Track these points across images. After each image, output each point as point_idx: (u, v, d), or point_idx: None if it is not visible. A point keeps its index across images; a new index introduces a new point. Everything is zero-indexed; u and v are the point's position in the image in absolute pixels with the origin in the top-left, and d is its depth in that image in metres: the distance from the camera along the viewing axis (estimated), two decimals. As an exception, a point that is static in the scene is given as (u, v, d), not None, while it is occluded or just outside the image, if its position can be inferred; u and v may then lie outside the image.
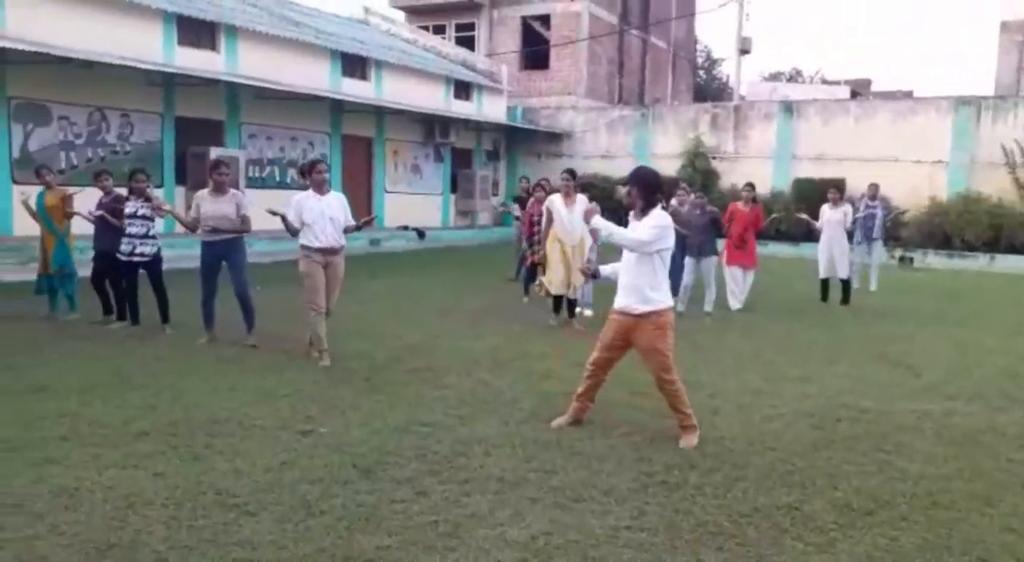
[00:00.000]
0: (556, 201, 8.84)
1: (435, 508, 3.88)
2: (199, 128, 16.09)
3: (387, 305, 9.23)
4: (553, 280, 8.88)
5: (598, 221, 4.95)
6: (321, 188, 6.86)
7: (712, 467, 4.56)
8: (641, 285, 4.91)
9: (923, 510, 4.04)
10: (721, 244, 10.77)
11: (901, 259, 19.00)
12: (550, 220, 8.86)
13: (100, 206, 8.31)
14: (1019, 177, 19.33)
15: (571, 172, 9.08)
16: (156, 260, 8.07)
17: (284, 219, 6.77)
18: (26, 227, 9.27)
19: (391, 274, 12.74)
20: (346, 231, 6.93)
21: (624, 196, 5.08)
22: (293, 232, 6.82)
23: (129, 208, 7.97)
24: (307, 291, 6.82)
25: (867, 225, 12.91)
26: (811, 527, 3.81)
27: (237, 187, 7.53)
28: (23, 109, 13.42)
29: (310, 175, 6.90)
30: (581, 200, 8.75)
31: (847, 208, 11.94)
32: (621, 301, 5.02)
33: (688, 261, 10.16)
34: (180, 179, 15.78)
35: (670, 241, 4.95)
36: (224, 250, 7.37)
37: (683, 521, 3.83)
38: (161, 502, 3.86)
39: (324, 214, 6.75)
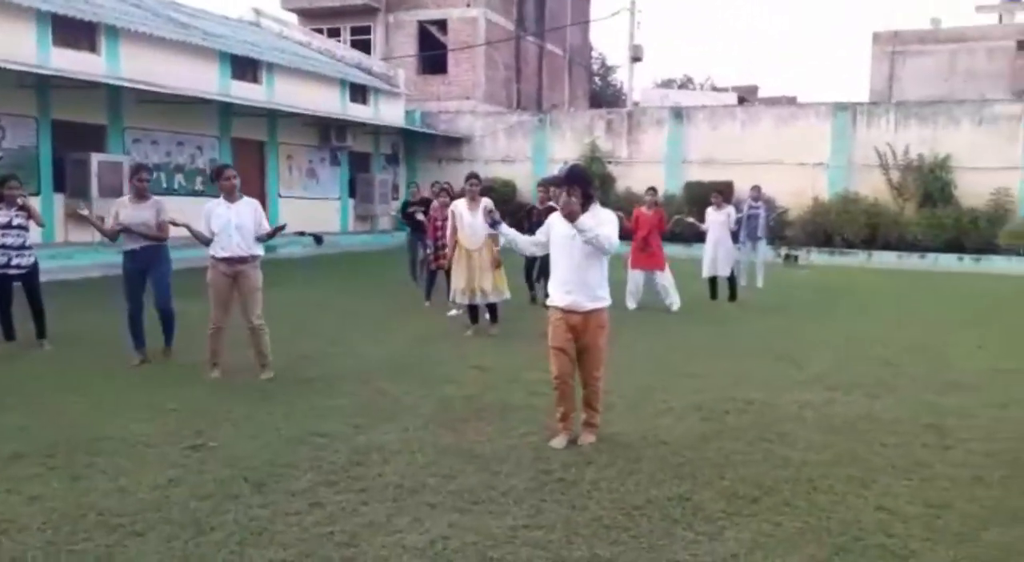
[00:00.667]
0: (460, 206, 8.82)
1: (331, 519, 3.82)
2: (79, 132, 15.29)
3: (283, 313, 9.00)
4: (456, 288, 8.82)
5: (585, 222, 4.73)
6: (231, 195, 6.57)
7: (607, 462, 4.65)
8: (591, 283, 4.90)
9: (804, 495, 4.24)
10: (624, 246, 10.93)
11: (786, 257, 19.90)
12: (455, 226, 8.81)
13: None
14: (892, 178, 20.58)
15: (476, 176, 9.05)
16: (33, 272, 7.60)
17: (189, 229, 6.52)
18: None
19: (287, 282, 12.44)
20: (259, 239, 6.64)
21: (558, 198, 4.90)
22: (204, 241, 6.54)
23: (2, 218, 7.45)
24: (212, 306, 6.57)
25: (751, 225, 13.46)
26: (701, 516, 3.95)
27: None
28: None
29: (218, 181, 6.63)
30: (484, 203, 8.76)
31: (730, 210, 12.43)
32: (566, 299, 4.92)
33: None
34: (59, 186, 14.95)
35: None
36: (146, 259, 6.97)
37: (579, 517, 3.90)
38: (38, 526, 3.66)
39: (231, 222, 6.46)
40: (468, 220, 8.72)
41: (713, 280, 12.00)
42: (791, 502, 4.15)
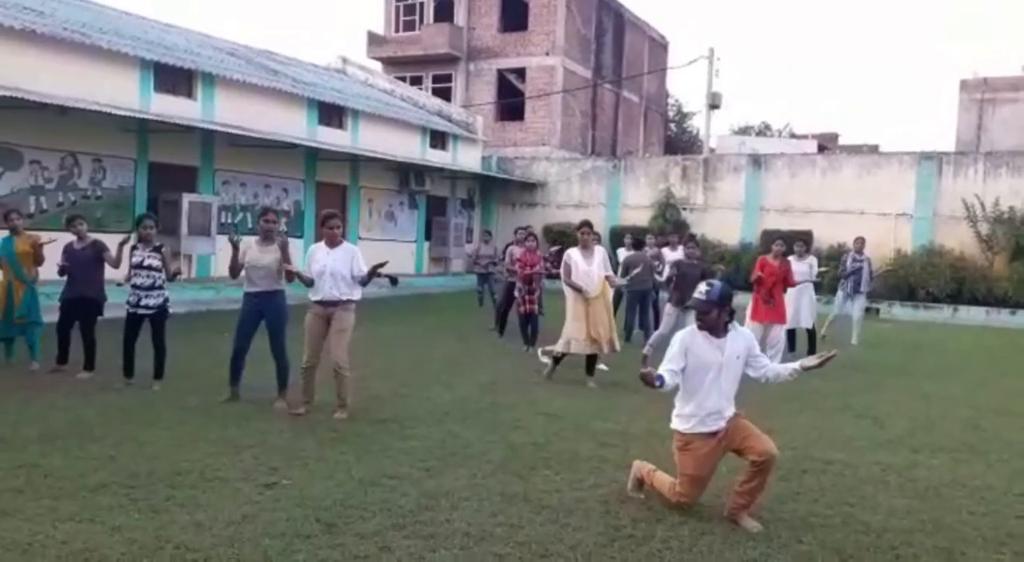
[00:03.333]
0: (575, 254, 8.69)
1: (399, 563, 3.83)
2: (172, 174, 16.07)
3: (356, 354, 9.17)
4: (577, 337, 8.56)
5: (793, 370, 4.76)
6: (333, 242, 6.81)
7: (679, 521, 4.55)
8: (720, 407, 4.67)
9: (886, 564, 4.06)
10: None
11: (867, 310, 19.24)
12: (567, 272, 8.63)
13: (71, 254, 8.07)
14: (980, 231, 19.83)
15: (589, 224, 8.96)
16: (161, 312, 7.63)
17: (299, 276, 6.79)
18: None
19: (361, 321, 12.61)
20: (361, 283, 6.85)
21: (706, 316, 4.64)
22: (307, 283, 6.78)
23: (135, 257, 7.56)
24: (305, 346, 6.81)
25: (855, 278, 13.11)
26: (776, 582, 3.81)
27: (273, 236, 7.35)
28: (-6, 153, 13.35)
29: (322, 228, 6.88)
30: (599, 252, 8.86)
31: (812, 260, 12.16)
32: (716, 424, 4.62)
33: (671, 310, 10.10)
34: (151, 224, 15.68)
35: None
36: (264, 304, 7.08)
37: (648, 576, 3.82)
38: (117, 557, 3.78)
39: (327, 268, 6.69)
40: (584, 268, 8.61)
41: (792, 332, 11.68)
42: (872, 571, 3.97)
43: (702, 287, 4.69)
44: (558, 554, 4.02)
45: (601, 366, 8.91)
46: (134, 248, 7.66)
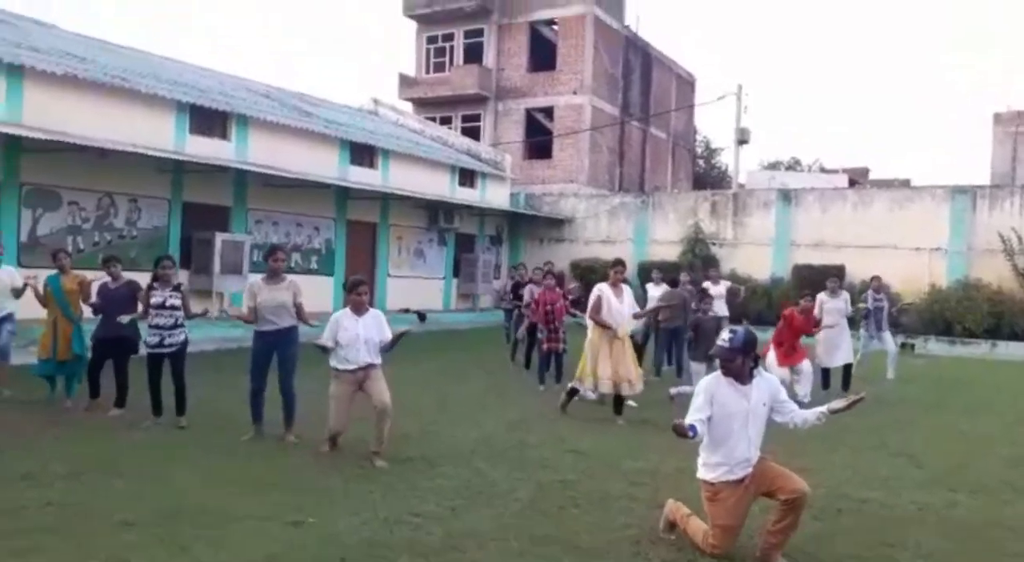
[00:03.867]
0: (605, 289, 8.59)
1: (423, 604, 3.78)
2: (206, 213, 16.37)
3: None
4: (601, 376, 8.44)
5: (820, 413, 4.69)
6: (359, 309, 6.66)
7: (710, 562, 4.44)
8: (748, 453, 4.59)
9: (926, 609, 3.92)
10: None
11: (902, 346, 18.89)
12: (597, 308, 8.50)
13: (106, 293, 8.21)
14: (1017, 264, 19.45)
15: (622, 263, 8.91)
16: (181, 349, 7.69)
17: (322, 348, 6.60)
18: (28, 310, 9.25)
19: (389, 357, 12.67)
20: (383, 350, 6.72)
21: (730, 364, 4.59)
22: (326, 350, 6.60)
23: (156, 298, 7.58)
24: (331, 413, 6.57)
25: (877, 317, 12.95)
26: (811, 627, 3.69)
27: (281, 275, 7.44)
28: (34, 194, 13.70)
29: (350, 295, 6.74)
30: (628, 293, 8.78)
31: (846, 296, 11.99)
32: (743, 471, 4.56)
33: (696, 368, 9.61)
34: (185, 263, 15.94)
35: None
36: (276, 341, 7.11)
37: (678, 620, 3.72)
38: (142, 596, 3.77)
39: (360, 337, 6.52)
40: (616, 306, 8.53)
41: (826, 370, 11.48)
42: (912, 616, 3.83)
43: (725, 335, 4.65)
44: (585, 596, 3.93)
45: (631, 402, 8.81)
46: (152, 288, 7.66)
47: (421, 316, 19.94)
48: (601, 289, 8.62)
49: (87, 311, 8.56)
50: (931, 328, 19.49)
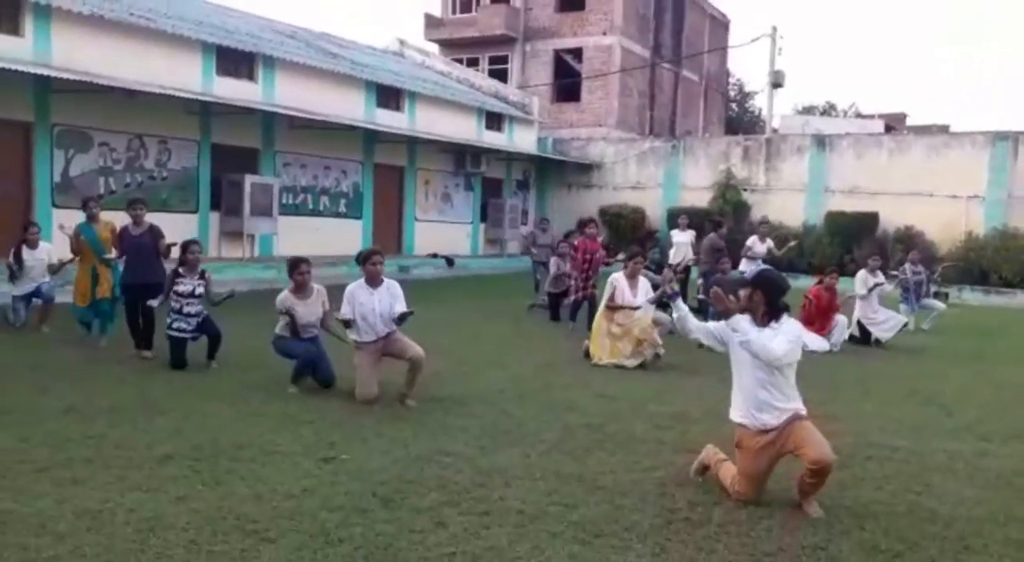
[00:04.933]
0: (621, 280, 8.84)
1: (454, 539, 3.85)
2: (235, 155, 16.40)
3: (414, 333, 9.26)
4: (598, 352, 8.70)
5: (740, 325, 4.41)
6: (375, 281, 6.59)
7: (736, 505, 4.47)
8: (785, 393, 4.47)
9: (953, 554, 3.93)
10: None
11: (935, 295, 18.68)
12: (611, 298, 8.79)
13: (128, 240, 8.10)
14: (1058, 213, 19.00)
15: (641, 254, 9.19)
16: (207, 322, 7.62)
17: (346, 323, 6.54)
18: (63, 252, 9.38)
19: (420, 301, 12.67)
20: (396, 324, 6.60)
21: (738, 299, 4.51)
22: (349, 324, 6.53)
23: (184, 286, 7.44)
24: (357, 382, 6.52)
25: (917, 291, 12.77)
26: (837, 569, 3.73)
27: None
28: (65, 135, 13.79)
29: (364, 265, 6.61)
30: (643, 283, 8.98)
31: (880, 277, 11.47)
32: (757, 419, 4.47)
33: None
34: (215, 205, 16.06)
35: (799, 354, 4.50)
36: (315, 345, 7.03)
37: (705, 559, 3.77)
38: (182, 526, 3.88)
39: (375, 310, 6.48)
40: (629, 298, 8.79)
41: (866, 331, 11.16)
42: (938, 560, 3.85)
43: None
44: (612, 534, 3.99)
45: (659, 349, 8.81)
46: (178, 275, 7.51)
47: (449, 261, 20.22)
48: (616, 280, 8.83)
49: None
50: (966, 277, 19.18)
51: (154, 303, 7.68)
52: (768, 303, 4.48)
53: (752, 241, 14.16)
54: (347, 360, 6.83)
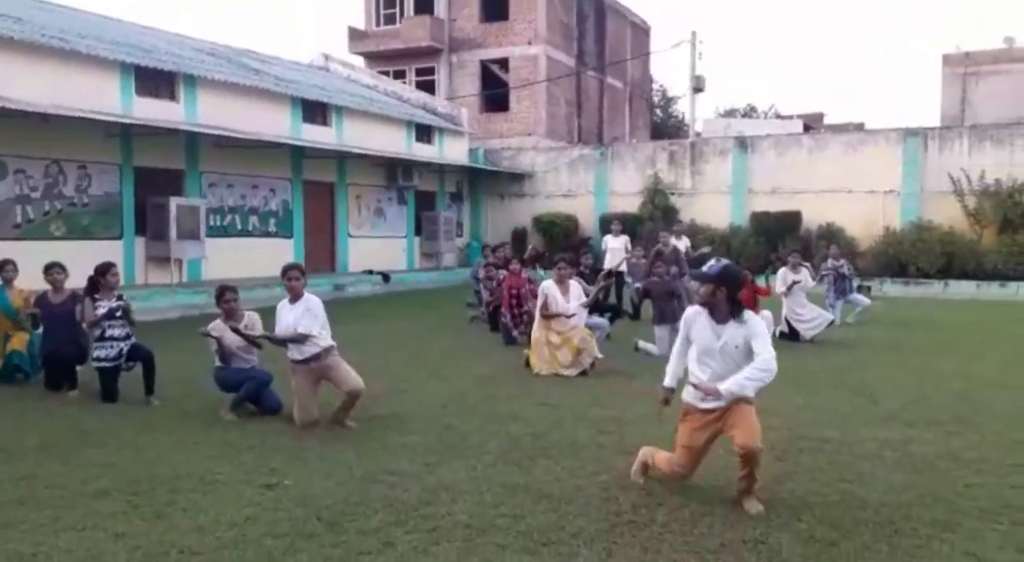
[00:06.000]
0: (551, 288, 8.95)
1: (402, 559, 3.86)
2: (159, 178, 15.99)
3: (351, 352, 9.20)
4: (537, 363, 8.77)
5: (734, 386, 4.43)
6: (295, 297, 6.46)
7: (679, 504, 4.59)
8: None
9: (886, 538, 4.10)
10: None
11: (859, 288, 19.37)
12: (545, 307, 8.88)
13: (47, 307, 7.69)
14: (967, 205, 19.93)
15: (564, 259, 9.37)
16: (135, 345, 7.37)
17: (271, 339, 6.50)
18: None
19: (356, 319, 12.69)
20: (291, 340, 6.38)
21: (700, 294, 4.63)
22: (282, 342, 6.42)
23: (102, 309, 7.22)
24: (296, 406, 6.39)
25: (839, 285, 13.07)
26: (777, 560, 3.86)
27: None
28: (-23, 164, 13.24)
29: (284, 282, 6.50)
30: (574, 287, 9.13)
31: (806, 272, 11.54)
32: (719, 402, 4.54)
33: (660, 333, 9.75)
34: (140, 230, 15.63)
35: None
36: (256, 376, 6.87)
37: (651, 559, 3.86)
38: (122, 563, 3.79)
39: (292, 326, 6.36)
40: (562, 304, 8.91)
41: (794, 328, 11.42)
42: (872, 546, 4.02)
43: (711, 262, 4.69)
44: (560, 542, 4.05)
45: (597, 355, 8.94)
46: (95, 300, 7.22)
47: (385, 277, 20.06)
48: (548, 288, 8.97)
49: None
50: (886, 270, 19.97)
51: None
52: (731, 298, 4.56)
53: (667, 238, 14.65)
54: (288, 384, 6.74)
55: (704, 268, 4.67)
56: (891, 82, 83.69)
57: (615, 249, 15.60)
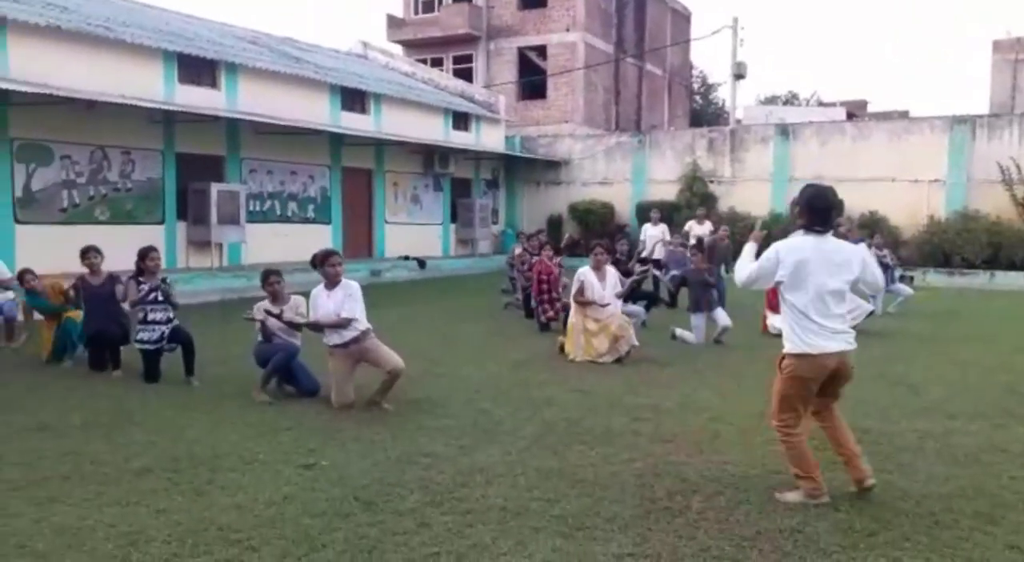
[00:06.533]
0: (588, 274, 8.85)
1: (437, 539, 3.88)
2: (200, 164, 16.23)
3: (388, 336, 9.28)
4: (573, 350, 8.72)
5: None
6: (333, 282, 6.54)
7: (714, 491, 4.55)
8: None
9: (926, 530, 4.03)
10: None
11: (901, 278, 19.01)
12: (580, 292, 8.79)
13: (88, 289, 7.87)
14: (1016, 194, 19.42)
15: (602, 245, 9.20)
16: (176, 328, 7.51)
17: (313, 326, 6.56)
18: (27, 264, 9.21)
19: (392, 304, 12.78)
20: (334, 325, 6.44)
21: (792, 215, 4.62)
22: (315, 328, 6.53)
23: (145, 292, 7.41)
24: (333, 389, 6.48)
25: (885, 276, 12.89)
26: (814, 550, 3.81)
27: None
28: (26, 149, 13.55)
29: (323, 268, 6.55)
30: (611, 274, 9.02)
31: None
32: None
33: (696, 320, 9.85)
34: (181, 214, 15.90)
35: None
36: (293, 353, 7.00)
37: (686, 546, 3.83)
38: (163, 539, 3.87)
39: (333, 312, 6.43)
40: (599, 290, 8.81)
41: None
42: (911, 537, 3.95)
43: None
44: (594, 527, 4.04)
45: (634, 343, 8.89)
46: (139, 283, 7.40)
47: (421, 263, 20.16)
48: (584, 274, 8.85)
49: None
50: (930, 260, 19.56)
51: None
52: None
53: (690, 225, 14.68)
54: (326, 367, 6.82)
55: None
56: (938, 68, 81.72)
57: (653, 237, 15.50)
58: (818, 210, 4.46)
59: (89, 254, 8.03)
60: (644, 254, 14.57)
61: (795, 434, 4.44)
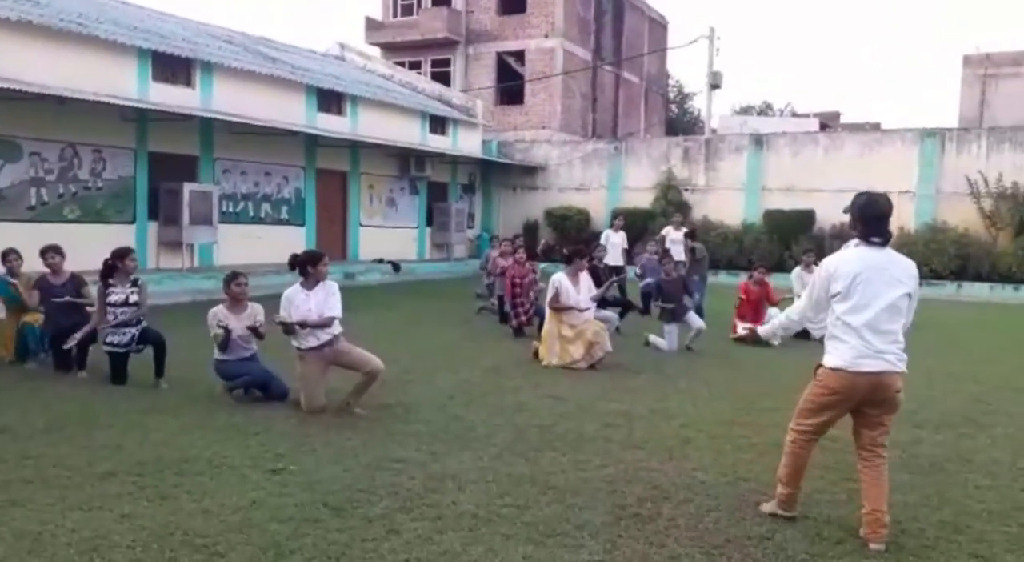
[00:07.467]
0: (563, 280, 8.80)
1: (407, 546, 3.85)
2: (173, 163, 16.04)
3: (361, 340, 9.21)
4: (548, 356, 8.71)
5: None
6: (316, 283, 6.43)
7: (684, 498, 4.57)
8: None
9: (892, 538, 4.07)
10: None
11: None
12: (555, 299, 8.76)
13: (48, 289, 7.68)
14: (984, 207, 19.76)
15: (578, 252, 9.18)
16: (145, 330, 7.37)
17: (286, 325, 6.34)
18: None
19: (365, 308, 12.70)
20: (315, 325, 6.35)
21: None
22: (290, 331, 6.35)
23: (116, 296, 7.20)
24: (303, 393, 6.39)
25: None
26: (783, 557, 3.83)
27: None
28: (-7, 145, 13.31)
29: (316, 268, 6.42)
30: (584, 279, 9.00)
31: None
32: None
33: (670, 328, 9.95)
34: (152, 214, 15.69)
35: None
36: (258, 364, 6.94)
37: (656, 554, 3.84)
38: (127, 544, 3.80)
39: (312, 312, 6.32)
40: (574, 296, 8.77)
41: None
42: (878, 546, 3.98)
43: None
44: (565, 534, 4.04)
45: (608, 348, 8.91)
46: (109, 285, 7.23)
47: (395, 266, 20.07)
48: (559, 280, 8.82)
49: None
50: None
51: (73, 340, 7.35)
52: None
53: (667, 230, 14.88)
54: (293, 371, 6.74)
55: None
56: (909, 83, 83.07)
57: (615, 244, 15.56)
58: (870, 219, 4.25)
59: (48, 253, 7.81)
60: (606, 261, 14.55)
61: (802, 444, 4.28)
